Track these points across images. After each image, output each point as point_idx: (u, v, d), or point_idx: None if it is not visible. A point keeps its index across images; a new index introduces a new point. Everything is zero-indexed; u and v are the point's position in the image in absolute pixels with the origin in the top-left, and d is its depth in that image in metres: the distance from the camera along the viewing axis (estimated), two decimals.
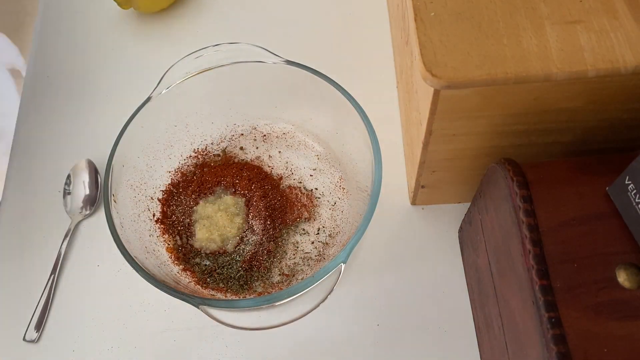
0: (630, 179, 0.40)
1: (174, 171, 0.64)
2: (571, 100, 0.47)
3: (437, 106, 0.47)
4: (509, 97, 0.46)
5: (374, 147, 0.54)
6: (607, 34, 0.43)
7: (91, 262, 0.63)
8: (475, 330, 0.57)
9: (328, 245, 0.60)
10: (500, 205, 0.47)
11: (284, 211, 0.62)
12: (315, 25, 0.78)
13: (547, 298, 0.39)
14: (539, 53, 0.43)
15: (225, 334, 0.58)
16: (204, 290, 0.57)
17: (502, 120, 0.49)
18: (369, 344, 0.57)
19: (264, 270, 0.59)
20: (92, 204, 0.66)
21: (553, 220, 0.42)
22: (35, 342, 0.59)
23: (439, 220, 0.63)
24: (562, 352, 0.38)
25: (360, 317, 0.59)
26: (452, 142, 0.52)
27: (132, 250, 0.52)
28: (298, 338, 0.58)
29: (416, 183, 0.59)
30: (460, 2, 0.45)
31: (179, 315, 0.59)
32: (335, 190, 0.63)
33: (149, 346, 0.58)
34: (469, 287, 0.59)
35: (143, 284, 0.50)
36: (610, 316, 0.39)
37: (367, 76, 0.72)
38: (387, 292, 0.60)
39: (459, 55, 0.43)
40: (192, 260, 0.60)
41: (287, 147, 0.66)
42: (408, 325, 0.58)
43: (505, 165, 0.45)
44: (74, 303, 0.61)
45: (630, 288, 0.40)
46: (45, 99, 0.75)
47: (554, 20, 0.44)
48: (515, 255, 0.43)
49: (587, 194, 0.44)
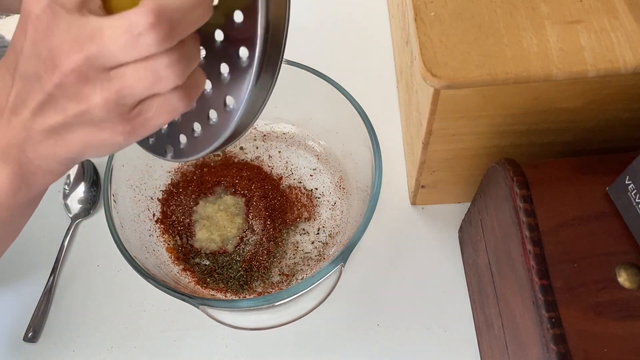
0: (630, 179, 0.40)
1: (174, 171, 0.64)
2: (571, 100, 0.47)
3: (437, 106, 0.47)
4: (509, 97, 0.46)
5: (374, 147, 0.54)
6: (607, 34, 0.43)
7: (91, 262, 0.63)
8: (475, 330, 0.57)
9: (328, 245, 0.60)
10: (500, 205, 0.47)
11: (284, 211, 0.62)
12: (315, 25, 0.78)
13: (547, 298, 0.39)
14: (539, 53, 0.43)
15: (225, 334, 0.58)
16: (204, 290, 0.57)
17: (502, 120, 0.49)
18: (369, 344, 0.57)
19: (264, 270, 0.59)
20: (92, 204, 0.66)
21: (553, 220, 0.42)
22: (35, 342, 0.59)
23: (439, 220, 0.63)
24: (562, 352, 0.38)
25: (360, 317, 0.59)
26: (452, 142, 0.52)
27: (132, 250, 0.52)
28: (298, 338, 0.58)
29: (416, 183, 0.59)
30: (461, 2, 0.45)
31: (179, 315, 0.59)
32: (335, 190, 0.63)
33: (149, 346, 0.58)
34: (469, 287, 0.59)
35: (143, 284, 0.50)
36: (610, 316, 0.39)
37: (367, 76, 0.72)
38: (387, 292, 0.60)
39: (459, 55, 0.43)
40: (192, 260, 0.60)
41: (287, 147, 0.66)
42: (408, 325, 0.58)
43: (506, 165, 0.45)
44: (74, 303, 0.61)
45: (630, 288, 0.40)
46: None
47: (554, 20, 0.44)
48: (516, 255, 0.43)
49: (587, 194, 0.44)
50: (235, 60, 0.34)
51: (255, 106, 0.37)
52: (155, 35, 0.27)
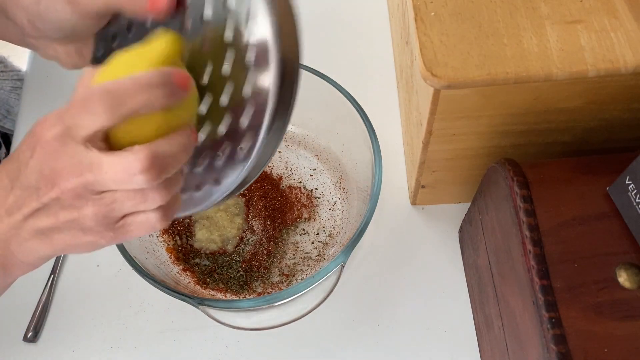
0: (630, 179, 0.40)
1: None
2: (571, 100, 0.47)
3: (437, 106, 0.47)
4: (509, 97, 0.46)
5: (374, 147, 0.54)
6: (608, 34, 0.43)
7: (91, 262, 0.63)
8: (475, 330, 0.57)
9: (328, 245, 0.60)
10: (500, 205, 0.47)
11: (283, 211, 0.62)
12: (315, 25, 0.77)
13: (547, 298, 0.39)
14: (539, 53, 0.43)
15: (225, 334, 0.58)
16: (203, 290, 0.57)
17: (502, 120, 0.49)
18: (369, 344, 0.57)
19: (264, 271, 0.59)
20: None
21: (553, 220, 0.42)
22: (35, 342, 0.59)
23: (439, 220, 0.63)
24: (562, 352, 0.38)
25: (360, 317, 0.59)
26: (452, 142, 0.52)
27: (132, 250, 0.52)
28: (298, 338, 0.58)
29: (416, 183, 0.59)
30: (461, 2, 0.45)
31: (179, 315, 0.59)
32: (335, 190, 0.63)
33: (149, 346, 0.58)
34: (469, 287, 0.59)
35: (143, 284, 0.50)
36: (611, 316, 0.39)
37: (367, 76, 0.72)
38: (387, 292, 0.60)
39: (459, 55, 0.43)
40: (192, 260, 0.60)
41: (287, 147, 0.66)
42: (408, 325, 0.58)
43: (506, 165, 0.45)
44: (73, 303, 0.61)
45: (630, 288, 0.40)
46: (45, 99, 0.75)
47: (554, 20, 0.44)
48: (516, 255, 0.43)
49: (588, 194, 0.44)
50: (233, 150, 0.36)
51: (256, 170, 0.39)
52: (148, 176, 0.32)
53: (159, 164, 0.33)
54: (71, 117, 0.33)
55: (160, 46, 0.35)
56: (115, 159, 0.32)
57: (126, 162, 0.32)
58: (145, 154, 0.32)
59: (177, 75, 0.33)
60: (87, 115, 0.32)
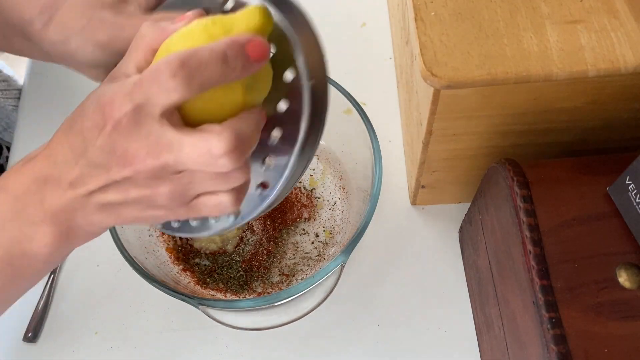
0: (630, 179, 0.40)
1: None
2: (571, 100, 0.47)
3: (438, 106, 0.47)
4: (509, 96, 0.46)
5: (374, 147, 0.54)
6: (608, 34, 0.43)
7: (91, 262, 0.63)
8: (475, 331, 0.57)
9: (328, 245, 0.60)
10: (500, 205, 0.47)
11: (283, 211, 0.62)
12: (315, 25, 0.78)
13: (547, 298, 0.39)
14: (539, 53, 0.43)
15: (225, 334, 0.58)
16: (203, 290, 0.57)
17: (502, 120, 0.49)
18: (369, 344, 0.57)
19: (264, 271, 0.59)
20: None
21: (553, 220, 0.42)
22: (35, 342, 0.59)
23: (439, 220, 0.63)
24: (563, 352, 0.38)
25: (360, 317, 0.59)
26: (452, 142, 0.52)
27: (132, 250, 0.52)
28: (298, 338, 0.58)
29: (416, 183, 0.59)
30: (461, 2, 0.45)
31: (179, 315, 0.59)
32: (335, 190, 0.63)
33: (149, 346, 0.58)
34: (469, 287, 0.59)
35: (143, 284, 0.50)
36: (611, 316, 0.39)
37: (367, 76, 0.72)
38: (387, 292, 0.60)
39: (459, 54, 0.43)
40: (192, 260, 0.60)
41: None
42: (408, 325, 0.58)
43: (506, 165, 0.45)
44: (73, 303, 0.61)
45: (631, 288, 0.40)
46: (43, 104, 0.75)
47: (554, 20, 0.44)
48: (516, 256, 0.43)
49: (588, 194, 0.44)
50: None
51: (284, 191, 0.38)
52: (232, 158, 0.31)
53: (242, 146, 0.31)
54: (143, 93, 0.30)
55: (254, 17, 0.32)
56: (197, 139, 0.30)
57: (209, 143, 0.30)
58: (229, 134, 0.30)
59: (257, 43, 0.31)
60: (161, 90, 0.30)
